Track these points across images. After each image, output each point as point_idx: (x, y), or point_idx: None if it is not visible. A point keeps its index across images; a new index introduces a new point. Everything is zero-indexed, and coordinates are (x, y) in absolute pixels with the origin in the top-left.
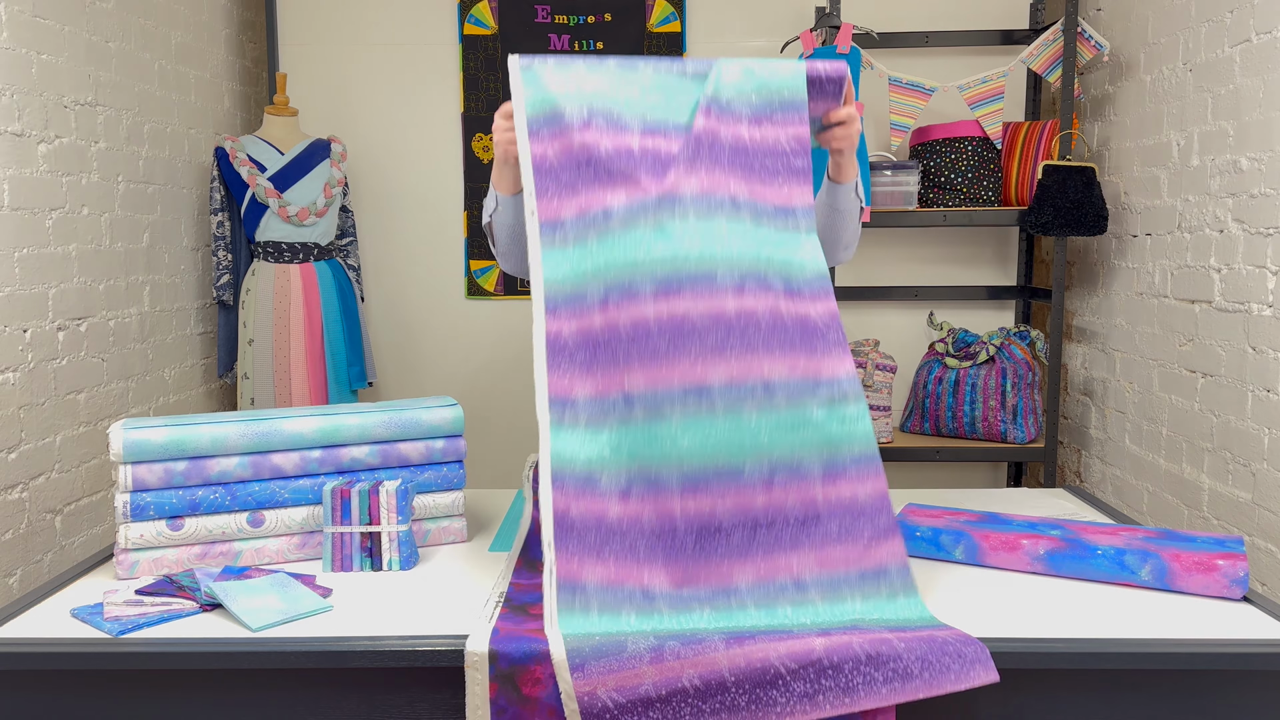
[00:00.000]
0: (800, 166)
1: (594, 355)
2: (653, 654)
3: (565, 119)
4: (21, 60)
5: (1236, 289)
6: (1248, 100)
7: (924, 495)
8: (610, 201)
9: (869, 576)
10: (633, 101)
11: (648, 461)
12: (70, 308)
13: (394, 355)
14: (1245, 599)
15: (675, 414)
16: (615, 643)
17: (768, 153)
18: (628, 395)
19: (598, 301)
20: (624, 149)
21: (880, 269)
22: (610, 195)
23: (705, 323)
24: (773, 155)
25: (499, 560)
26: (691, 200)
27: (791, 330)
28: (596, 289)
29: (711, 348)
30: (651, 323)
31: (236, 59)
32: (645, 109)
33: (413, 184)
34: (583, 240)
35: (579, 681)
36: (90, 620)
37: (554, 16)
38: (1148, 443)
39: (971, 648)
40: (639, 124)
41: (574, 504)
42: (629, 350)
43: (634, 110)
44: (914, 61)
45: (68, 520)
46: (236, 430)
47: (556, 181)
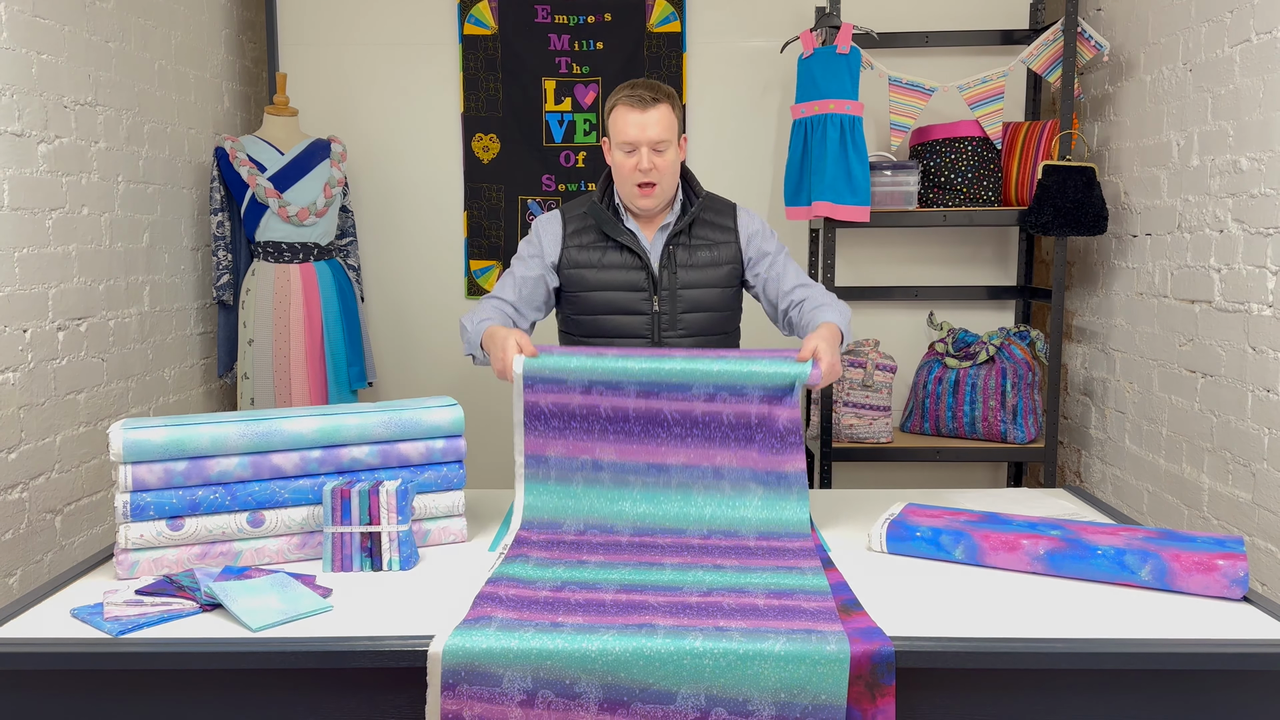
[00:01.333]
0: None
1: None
2: (524, 697)
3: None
4: (21, 60)
5: (1236, 289)
6: (1248, 100)
7: (924, 495)
8: (601, 455)
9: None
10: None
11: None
12: (70, 308)
13: (394, 355)
14: (1245, 599)
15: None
16: (493, 675)
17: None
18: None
19: (573, 532)
20: (620, 411)
21: (880, 269)
22: (601, 449)
23: (673, 564)
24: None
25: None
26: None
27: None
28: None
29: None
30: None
31: (236, 59)
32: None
33: (413, 184)
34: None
35: (446, 700)
36: (90, 620)
37: (554, 16)
38: (1148, 443)
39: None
40: (635, 388)
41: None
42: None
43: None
44: (914, 61)
45: (68, 520)
46: (236, 430)
47: (547, 426)
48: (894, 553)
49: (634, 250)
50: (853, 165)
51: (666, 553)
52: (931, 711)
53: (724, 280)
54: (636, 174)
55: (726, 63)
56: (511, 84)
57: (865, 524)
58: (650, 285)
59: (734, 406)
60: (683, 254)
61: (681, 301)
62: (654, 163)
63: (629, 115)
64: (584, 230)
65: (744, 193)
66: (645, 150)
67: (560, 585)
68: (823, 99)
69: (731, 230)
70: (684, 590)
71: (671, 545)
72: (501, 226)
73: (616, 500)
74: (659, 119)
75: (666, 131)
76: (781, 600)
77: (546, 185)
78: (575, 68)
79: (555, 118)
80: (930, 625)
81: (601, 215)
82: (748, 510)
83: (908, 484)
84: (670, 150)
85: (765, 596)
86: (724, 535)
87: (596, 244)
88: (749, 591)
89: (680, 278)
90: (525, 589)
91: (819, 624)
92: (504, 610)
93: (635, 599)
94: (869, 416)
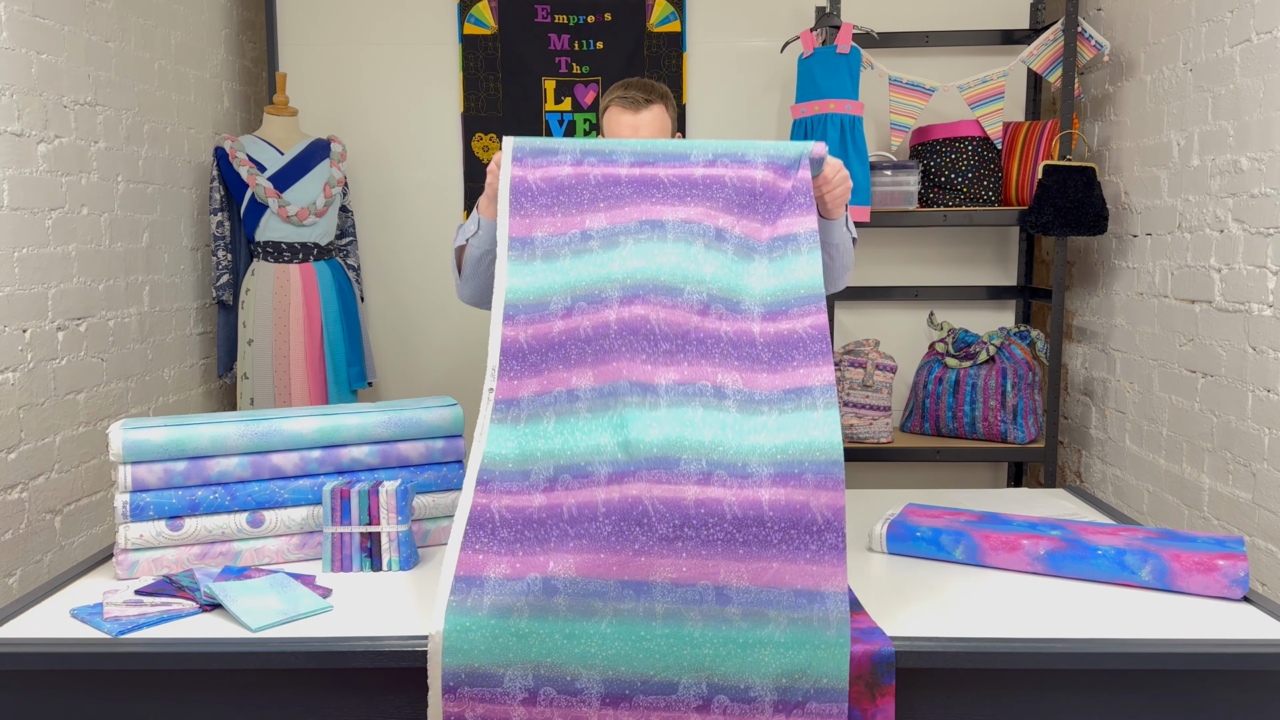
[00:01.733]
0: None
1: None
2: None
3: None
4: (21, 60)
5: (1236, 289)
6: (1248, 100)
7: (924, 495)
8: (589, 224)
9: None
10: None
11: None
12: (70, 308)
13: (394, 355)
14: (1245, 599)
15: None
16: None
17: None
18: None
19: (561, 310)
20: (611, 177)
21: (880, 269)
22: (590, 218)
23: (665, 329)
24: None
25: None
26: (673, 227)
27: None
28: (562, 300)
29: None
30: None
31: (236, 59)
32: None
33: (413, 184)
34: (553, 257)
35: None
36: (90, 620)
37: (554, 16)
38: (1148, 443)
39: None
40: (629, 158)
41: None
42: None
43: (625, 148)
44: (914, 61)
45: (68, 520)
46: (236, 430)
47: (534, 204)
48: (894, 553)
49: None
50: (853, 165)
51: (659, 355)
52: (931, 711)
53: None
54: None
55: (726, 63)
56: (511, 84)
57: (865, 524)
58: None
59: (737, 170)
60: None
61: None
62: None
63: (622, 117)
64: None
65: None
66: None
67: (552, 480)
68: (823, 99)
69: None
70: (677, 473)
71: (666, 328)
72: None
73: (605, 265)
74: (652, 120)
75: (659, 133)
76: (788, 491)
77: None
78: (575, 68)
79: (555, 118)
80: (930, 625)
81: None
82: (752, 279)
83: (908, 484)
84: None
85: (770, 487)
86: (725, 307)
87: None
88: (750, 474)
89: None
90: (518, 494)
91: (825, 554)
92: (495, 558)
93: (629, 494)
94: (869, 416)
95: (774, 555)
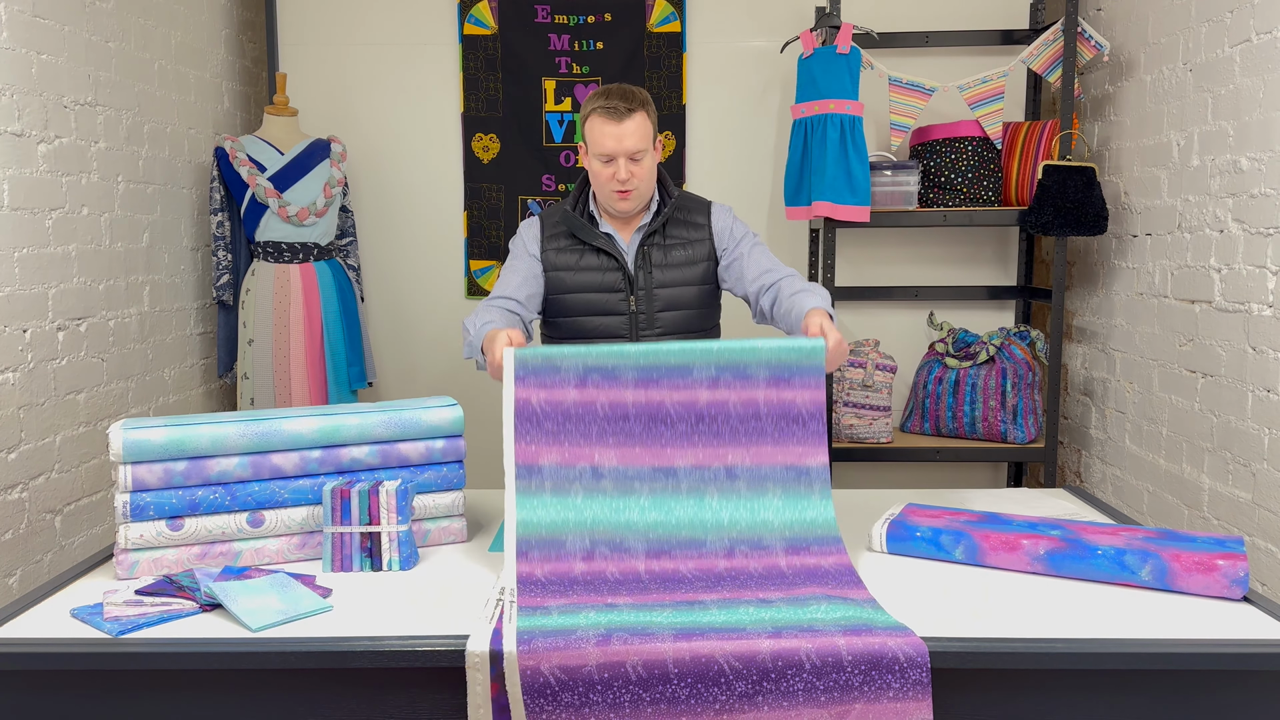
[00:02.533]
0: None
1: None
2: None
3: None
4: (21, 60)
5: (1236, 289)
6: (1248, 100)
7: (924, 495)
8: (600, 460)
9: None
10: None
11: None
12: (70, 308)
13: (394, 355)
14: (1245, 599)
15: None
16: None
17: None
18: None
19: (581, 551)
20: (619, 407)
21: (880, 269)
22: (600, 453)
23: (695, 574)
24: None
25: (499, 560)
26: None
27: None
28: (580, 541)
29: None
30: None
31: (236, 59)
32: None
33: (413, 184)
34: (565, 493)
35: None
36: (90, 620)
37: (554, 16)
38: (1148, 443)
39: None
40: (633, 374)
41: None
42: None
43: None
44: (914, 61)
45: (68, 520)
46: (236, 430)
47: (539, 429)
48: (894, 553)
49: (609, 252)
50: (853, 165)
51: (698, 588)
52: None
53: (699, 278)
54: (614, 183)
55: (726, 63)
56: (511, 84)
57: (865, 524)
58: (626, 285)
59: (740, 393)
60: (658, 254)
61: (658, 300)
62: (631, 171)
63: (605, 127)
64: (560, 235)
65: (744, 193)
66: (622, 161)
67: (606, 634)
68: (823, 99)
69: (705, 228)
70: (747, 632)
71: (697, 574)
72: (501, 226)
73: (623, 511)
74: (634, 129)
75: (642, 141)
76: (862, 638)
77: (546, 185)
78: (575, 68)
79: (555, 118)
80: (930, 625)
81: (575, 222)
82: (768, 512)
83: (908, 484)
84: (647, 158)
85: (844, 635)
86: (749, 547)
87: (573, 247)
88: (820, 629)
89: (656, 277)
90: (565, 639)
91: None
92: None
93: (700, 655)
94: (869, 416)
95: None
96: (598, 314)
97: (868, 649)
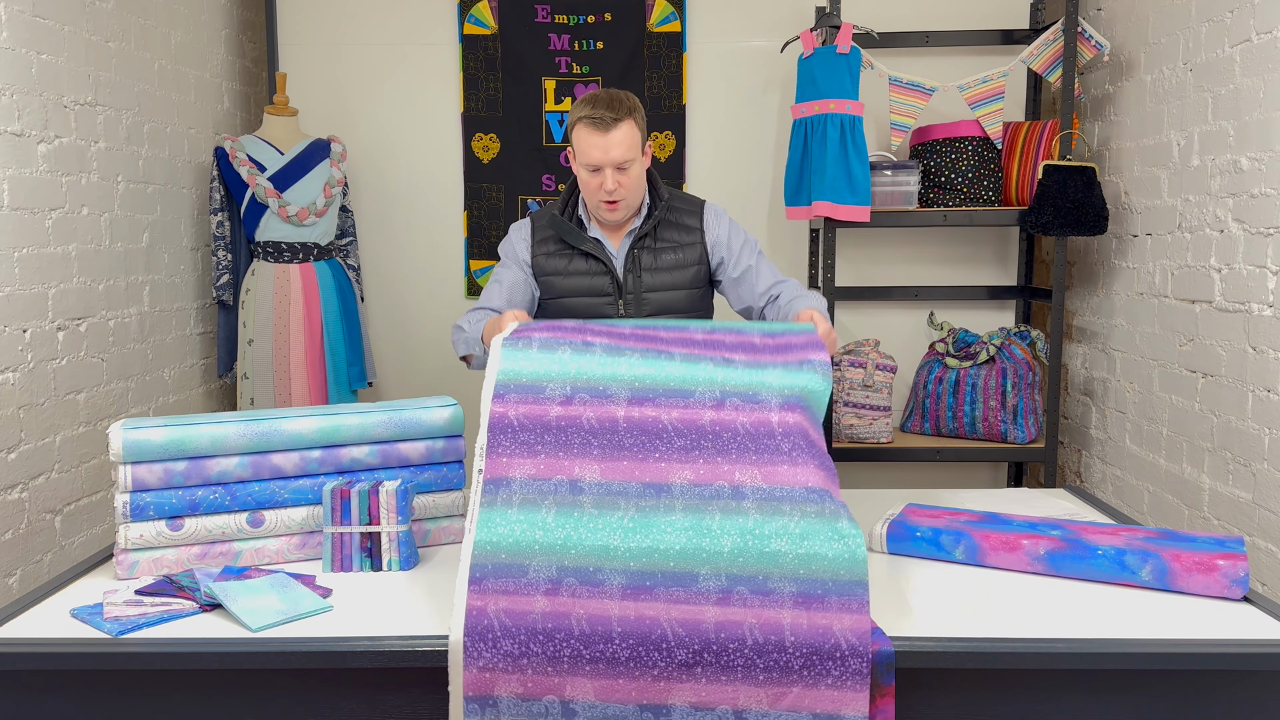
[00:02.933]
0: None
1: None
2: (549, 585)
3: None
4: (21, 60)
5: (1236, 289)
6: (1248, 100)
7: (924, 495)
8: (580, 473)
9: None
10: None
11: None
12: (70, 308)
13: (394, 355)
14: (1245, 599)
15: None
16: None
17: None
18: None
19: (546, 582)
20: (608, 421)
21: (880, 269)
22: (580, 465)
23: (679, 634)
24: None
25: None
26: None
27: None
28: (545, 570)
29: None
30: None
31: (236, 59)
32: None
33: (413, 184)
34: (533, 507)
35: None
36: (90, 620)
37: (554, 16)
38: (1148, 443)
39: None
40: (626, 392)
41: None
42: None
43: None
44: (914, 61)
45: (68, 520)
46: (236, 430)
47: (514, 442)
48: (894, 553)
49: (598, 257)
50: (853, 165)
51: (675, 660)
52: (931, 711)
53: (690, 282)
54: (601, 193)
55: (726, 63)
56: (511, 84)
57: (865, 524)
58: (615, 290)
59: (750, 414)
60: (647, 257)
61: (647, 305)
62: (619, 181)
63: (591, 138)
64: (550, 239)
65: (744, 193)
66: (609, 171)
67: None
68: (823, 99)
69: (697, 230)
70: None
71: (680, 625)
72: (501, 226)
73: (599, 533)
74: (621, 139)
75: (629, 151)
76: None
77: (546, 185)
78: (575, 68)
79: (555, 118)
80: (930, 625)
81: (563, 227)
82: (782, 543)
83: (908, 484)
84: (635, 166)
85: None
86: (749, 590)
87: (563, 251)
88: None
89: (645, 281)
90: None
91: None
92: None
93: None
94: (869, 416)
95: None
96: (587, 318)
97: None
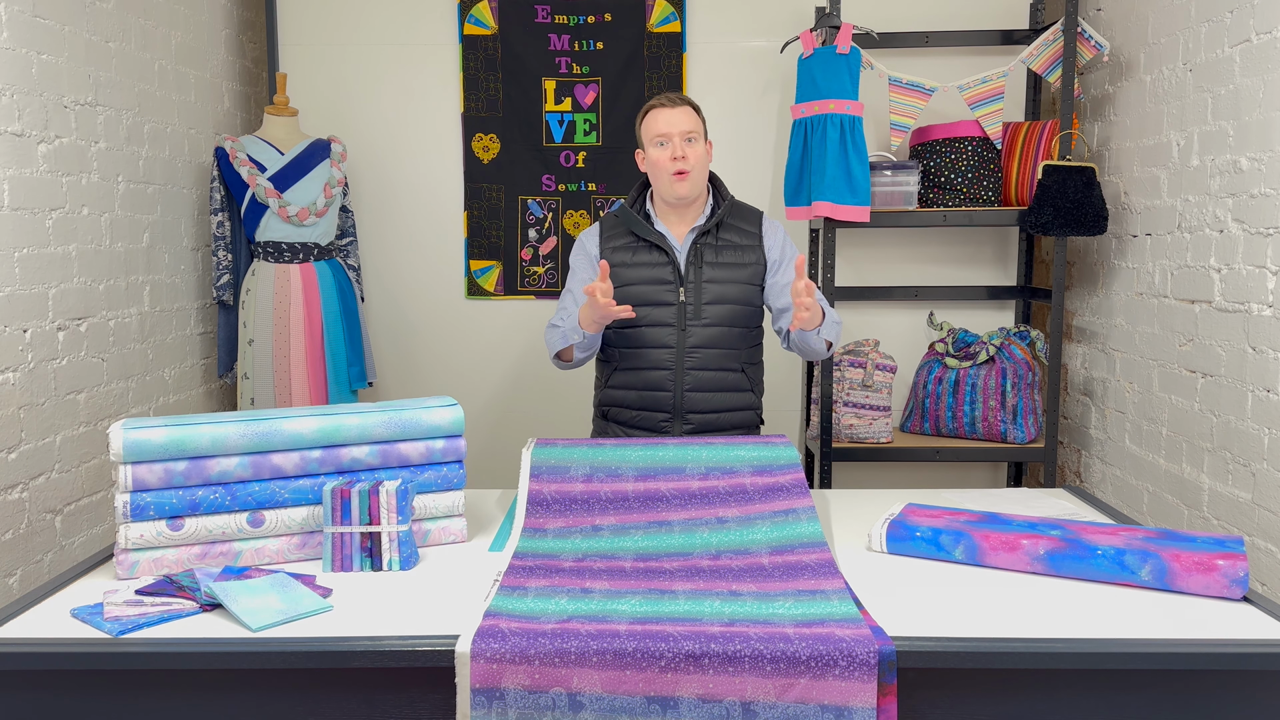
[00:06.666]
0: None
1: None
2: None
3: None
4: (21, 60)
5: (1236, 289)
6: (1248, 100)
7: (924, 495)
8: (600, 522)
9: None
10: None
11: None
12: (70, 308)
13: (394, 355)
14: (1245, 599)
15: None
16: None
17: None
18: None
19: (573, 557)
20: (619, 494)
21: (880, 269)
22: (600, 519)
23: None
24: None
25: (499, 560)
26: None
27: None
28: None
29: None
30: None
31: (236, 59)
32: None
33: (413, 184)
34: (565, 537)
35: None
36: (90, 620)
37: (554, 16)
38: (1148, 443)
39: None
40: (633, 472)
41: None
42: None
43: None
44: (914, 61)
45: (68, 520)
46: (236, 430)
47: (548, 510)
48: (894, 553)
49: (662, 248)
50: (853, 165)
51: (676, 577)
52: (931, 711)
53: (747, 278)
54: (671, 164)
55: (726, 63)
56: (511, 84)
57: (865, 524)
58: (676, 278)
59: (728, 480)
60: (709, 252)
61: (706, 292)
62: (685, 151)
63: (659, 114)
64: (618, 234)
65: (744, 193)
66: (677, 139)
67: (566, 616)
68: (823, 99)
69: (756, 235)
70: (703, 620)
71: (680, 569)
72: (501, 226)
73: (617, 544)
74: (687, 114)
75: (695, 124)
76: (812, 629)
77: (546, 185)
78: (575, 68)
79: (555, 118)
80: (930, 625)
81: (632, 218)
82: (758, 534)
83: (908, 484)
84: (699, 143)
85: (794, 626)
86: (734, 554)
87: (630, 245)
88: (774, 622)
89: (706, 272)
90: (527, 622)
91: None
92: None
93: (651, 629)
94: (869, 416)
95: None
96: (648, 304)
97: (814, 634)
